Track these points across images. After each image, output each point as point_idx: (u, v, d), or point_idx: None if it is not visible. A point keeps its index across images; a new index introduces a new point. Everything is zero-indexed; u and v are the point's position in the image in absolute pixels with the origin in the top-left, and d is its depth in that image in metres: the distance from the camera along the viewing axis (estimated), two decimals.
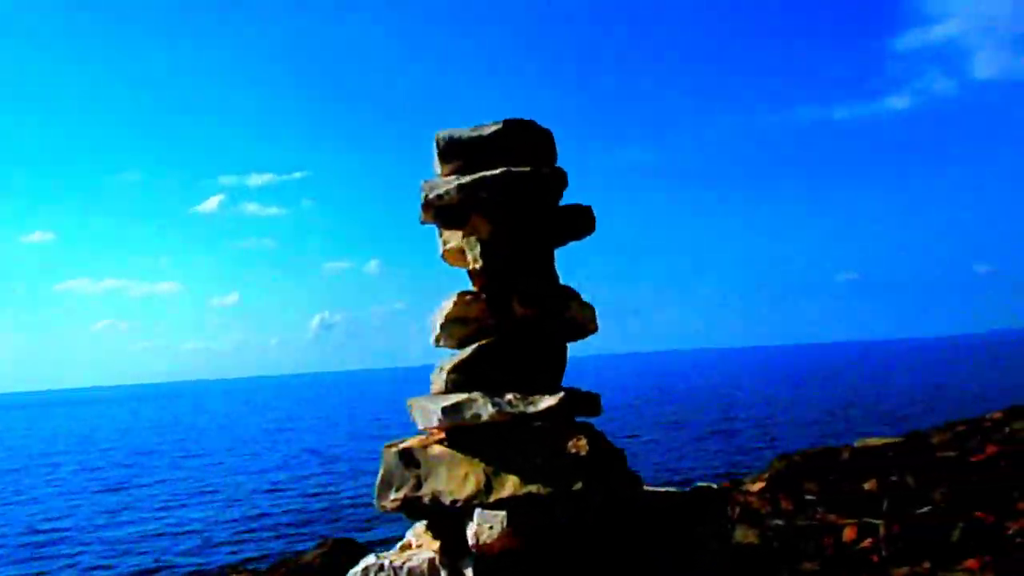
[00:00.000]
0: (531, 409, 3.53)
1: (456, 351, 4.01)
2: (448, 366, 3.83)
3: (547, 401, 3.54)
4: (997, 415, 25.96)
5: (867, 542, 8.86)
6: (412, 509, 3.65)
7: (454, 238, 3.93)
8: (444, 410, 3.55)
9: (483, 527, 3.34)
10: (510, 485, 3.44)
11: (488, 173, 3.71)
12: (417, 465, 3.68)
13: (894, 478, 16.57)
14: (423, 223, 4.15)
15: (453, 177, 3.88)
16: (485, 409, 3.53)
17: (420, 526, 3.81)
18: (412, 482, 3.65)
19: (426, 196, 3.83)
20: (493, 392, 3.62)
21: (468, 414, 3.56)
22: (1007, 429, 21.50)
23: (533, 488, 3.39)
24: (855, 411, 37.71)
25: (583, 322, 3.90)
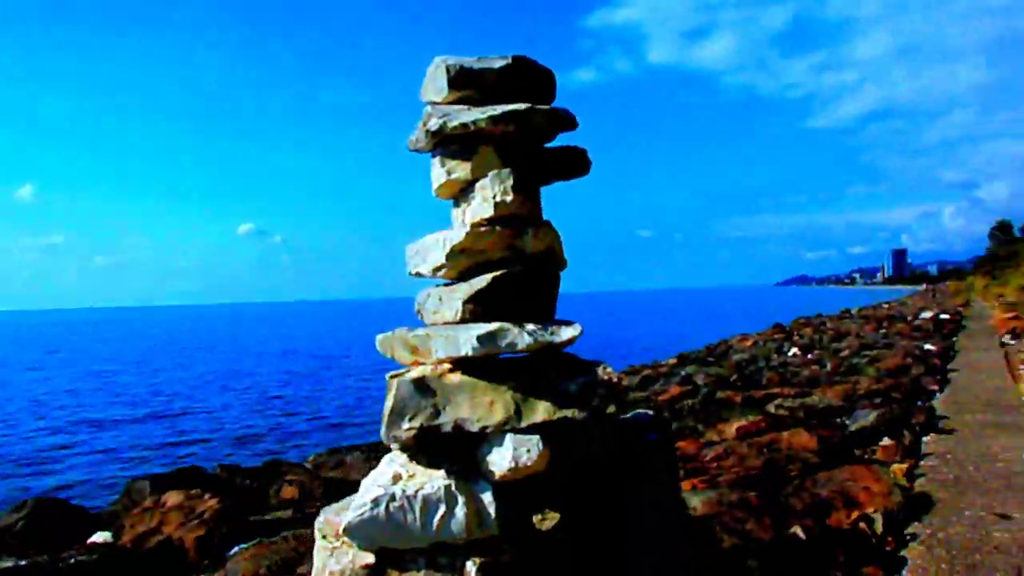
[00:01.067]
0: (556, 339, 3.68)
1: (451, 282, 3.98)
2: (463, 296, 3.79)
3: (569, 331, 3.72)
4: (672, 361, 30.36)
5: None
6: (429, 438, 3.59)
7: (461, 169, 3.86)
8: (480, 339, 3.54)
9: (520, 451, 3.44)
10: (542, 410, 3.57)
11: (515, 107, 3.71)
12: (432, 394, 3.62)
13: None
14: (417, 150, 3.99)
15: (464, 107, 3.80)
16: (521, 339, 3.60)
17: (402, 456, 3.74)
18: (429, 411, 3.59)
19: (443, 123, 3.70)
20: (511, 323, 3.69)
21: (504, 343, 3.59)
22: (682, 372, 25.42)
23: (568, 412, 3.56)
24: None
25: (561, 257, 4.11)
